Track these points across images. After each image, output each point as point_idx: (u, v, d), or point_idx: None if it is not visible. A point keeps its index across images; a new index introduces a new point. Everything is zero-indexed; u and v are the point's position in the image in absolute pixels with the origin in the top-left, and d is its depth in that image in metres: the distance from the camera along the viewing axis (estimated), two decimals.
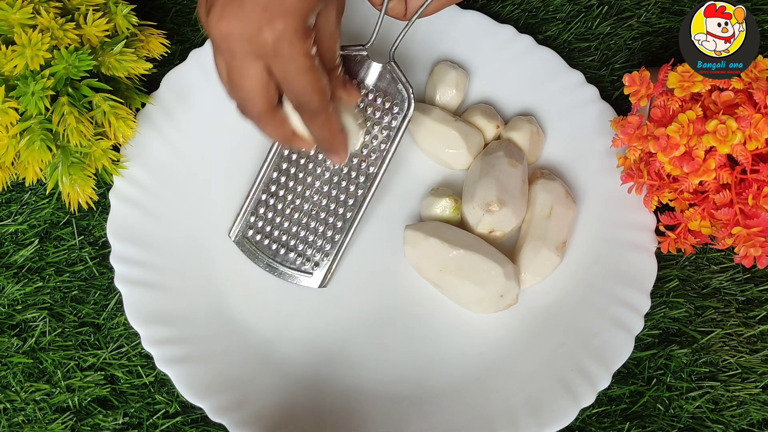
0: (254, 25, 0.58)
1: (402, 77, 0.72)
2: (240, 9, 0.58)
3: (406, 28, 0.71)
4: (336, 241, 0.74)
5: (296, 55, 0.60)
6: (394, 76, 0.72)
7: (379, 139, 0.73)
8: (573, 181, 0.78)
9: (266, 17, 0.58)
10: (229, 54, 0.60)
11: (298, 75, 0.61)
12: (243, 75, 0.61)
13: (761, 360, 0.73)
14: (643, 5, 0.86)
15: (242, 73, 0.61)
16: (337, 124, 0.68)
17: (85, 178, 0.72)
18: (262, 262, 0.75)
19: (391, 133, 0.73)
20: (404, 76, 0.72)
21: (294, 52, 0.60)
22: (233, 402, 0.69)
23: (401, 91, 0.72)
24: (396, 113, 0.72)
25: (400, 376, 0.72)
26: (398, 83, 0.72)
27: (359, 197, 0.74)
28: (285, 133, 0.67)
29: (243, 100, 0.63)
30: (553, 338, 0.73)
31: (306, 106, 0.64)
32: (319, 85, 0.62)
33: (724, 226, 0.68)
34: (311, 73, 0.61)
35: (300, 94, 0.62)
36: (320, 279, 0.75)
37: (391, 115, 0.72)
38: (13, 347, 0.72)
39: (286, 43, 0.59)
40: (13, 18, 0.67)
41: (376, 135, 0.73)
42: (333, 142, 0.69)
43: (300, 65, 0.60)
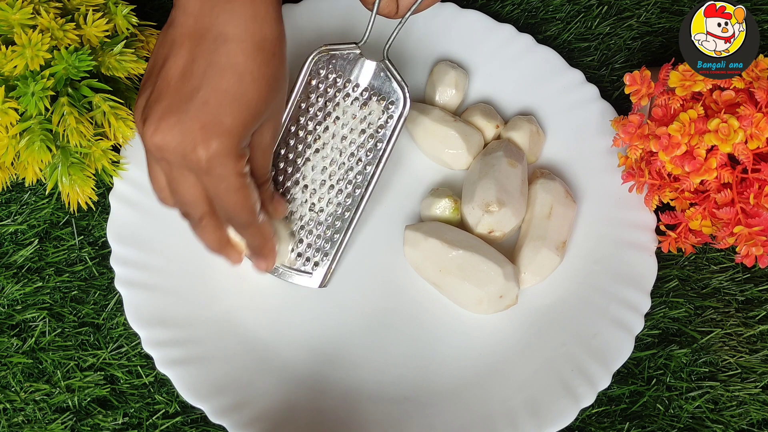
0: (190, 142, 0.59)
1: (396, 75, 0.71)
2: (177, 124, 0.59)
3: (399, 25, 0.71)
4: (335, 240, 0.74)
5: (228, 175, 0.61)
6: (388, 75, 0.72)
7: (376, 137, 0.73)
8: (573, 180, 0.78)
9: (202, 136, 0.59)
10: (165, 164, 0.62)
11: (227, 193, 0.62)
12: (181, 185, 0.62)
13: (761, 360, 0.73)
14: (643, 5, 0.86)
15: (180, 183, 0.62)
16: (267, 233, 0.69)
17: (84, 179, 0.72)
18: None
19: (387, 132, 0.73)
20: (399, 74, 0.71)
21: (226, 172, 0.61)
22: (233, 403, 0.69)
23: (396, 89, 0.72)
24: (392, 112, 0.72)
25: (399, 377, 0.72)
26: (393, 81, 0.72)
27: (357, 196, 0.74)
28: (220, 239, 0.68)
29: (184, 204, 0.64)
30: (553, 338, 0.72)
31: (235, 221, 0.65)
32: (249, 203, 0.64)
33: (725, 226, 0.68)
34: (241, 192, 0.63)
35: (229, 210, 0.64)
36: (320, 279, 0.74)
37: (387, 113, 0.72)
38: (12, 347, 0.72)
39: (219, 163, 0.60)
40: (13, 18, 0.67)
41: (373, 134, 0.73)
42: (262, 250, 0.70)
43: (231, 184, 0.62)
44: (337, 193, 0.74)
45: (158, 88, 0.61)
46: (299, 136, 0.74)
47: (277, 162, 0.74)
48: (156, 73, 0.62)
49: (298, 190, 0.74)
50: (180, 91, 0.60)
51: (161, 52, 0.62)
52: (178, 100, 0.60)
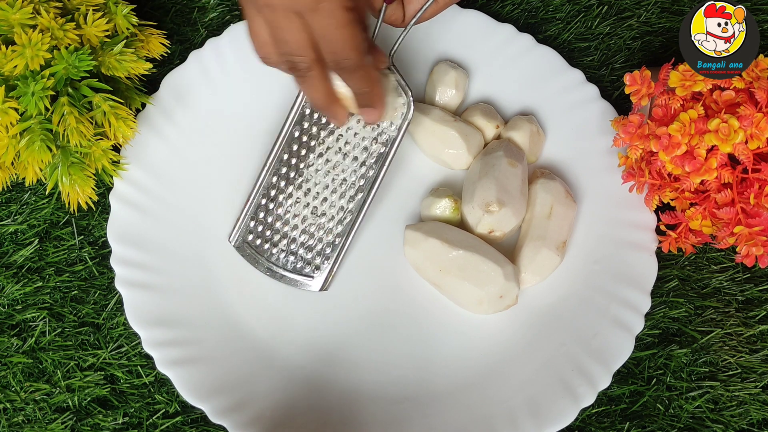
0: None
1: (402, 80, 0.72)
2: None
3: (404, 32, 0.71)
4: (336, 244, 0.74)
5: (335, 9, 0.59)
6: (393, 79, 0.72)
7: (379, 141, 0.73)
8: (573, 180, 0.78)
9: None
10: (269, 10, 0.60)
11: (336, 30, 0.60)
12: (288, 29, 0.60)
13: (761, 360, 0.73)
14: (643, 5, 0.86)
15: (287, 28, 0.60)
16: (375, 78, 0.67)
17: (84, 179, 0.71)
18: (262, 267, 0.75)
19: (391, 136, 0.73)
20: (403, 80, 0.72)
21: (333, 6, 0.59)
22: (234, 404, 0.69)
23: (400, 94, 0.72)
24: (395, 117, 0.72)
25: (400, 377, 0.72)
26: (397, 86, 0.72)
27: (359, 200, 0.74)
28: (328, 91, 0.66)
29: (290, 54, 0.62)
30: (553, 338, 0.72)
31: (343, 63, 0.63)
32: (357, 40, 0.62)
33: (725, 226, 0.68)
34: (349, 28, 0.61)
35: (338, 50, 0.62)
36: (321, 282, 0.74)
37: (390, 118, 0.72)
38: (13, 347, 0.72)
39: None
40: (13, 18, 0.67)
41: (376, 138, 0.73)
42: (372, 97, 0.68)
43: (339, 19, 0.60)
44: (340, 196, 0.74)
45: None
46: (303, 141, 0.74)
47: (280, 166, 0.74)
48: None
49: (301, 194, 0.74)
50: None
51: None
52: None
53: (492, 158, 0.76)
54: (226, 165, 0.78)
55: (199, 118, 0.79)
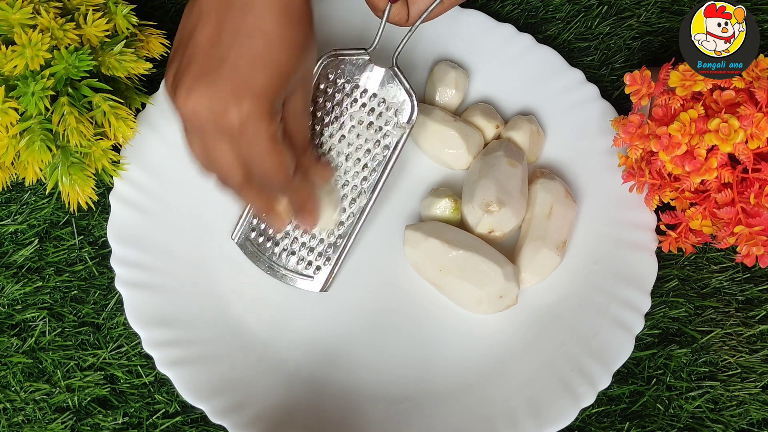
0: (222, 105, 0.59)
1: (405, 82, 0.71)
2: (208, 88, 0.60)
3: (409, 33, 0.71)
4: (338, 246, 0.74)
5: (261, 138, 0.61)
6: (396, 81, 0.72)
7: (382, 144, 0.73)
8: (573, 180, 0.78)
9: (234, 98, 0.59)
10: (199, 132, 0.61)
11: (261, 156, 0.62)
12: (216, 153, 0.62)
13: (761, 360, 0.73)
14: (643, 5, 0.86)
15: (216, 152, 0.62)
16: (306, 191, 0.70)
17: (85, 178, 0.71)
18: (263, 265, 0.75)
19: (394, 139, 0.73)
20: (407, 82, 0.71)
21: (259, 134, 0.61)
22: (234, 404, 0.69)
23: (404, 96, 0.72)
24: (399, 120, 0.72)
25: (399, 377, 0.72)
26: (401, 88, 0.72)
27: (361, 203, 0.74)
28: (264, 202, 0.68)
29: (221, 173, 0.64)
30: (553, 338, 0.72)
31: (271, 185, 0.65)
32: (283, 165, 0.64)
33: (725, 225, 0.68)
34: (275, 154, 0.62)
35: (264, 173, 0.64)
36: (321, 283, 0.74)
37: (393, 121, 0.72)
38: (12, 347, 0.72)
39: (251, 124, 0.60)
40: (13, 18, 0.67)
41: (379, 141, 0.73)
42: (305, 206, 0.71)
43: (264, 147, 0.62)
44: (342, 197, 0.74)
45: (187, 56, 0.61)
46: None
47: None
48: (184, 44, 0.62)
49: None
50: (210, 57, 0.60)
51: (188, 24, 0.62)
52: (208, 66, 0.60)
53: (492, 158, 0.76)
54: None
55: None
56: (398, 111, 0.72)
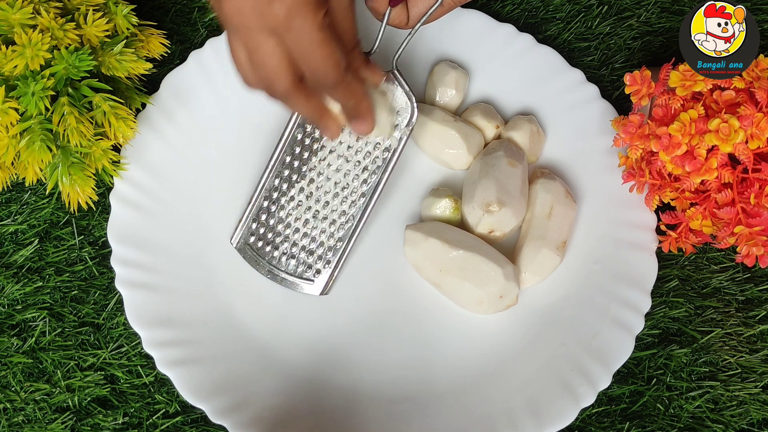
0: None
1: (405, 85, 0.71)
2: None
3: (409, 36, 0.71)
4: (338, 249, 0.74)
5: (308, 28, 0.59)
6: (396, 84, 0.72)
7: (382, 147, 0.73)
8: (573, 180, 0.78)
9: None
10: (245, 32, 0.59)
11: (311, 48, 0.60)
12: (263, 52, 0.60)
13: (761, 360, 0.73)
14: (643, 5, 0.86)
15: (262, 50, 0.60)
16: (359, 91, 0.67)
17: (85, 178, 0.71)
18: (263, 269, 0.75)
19: (394, 142, 0.73)
20: (407, 85, 0.71)
21: (306, 25, 0.58)
22: (234, 404, 0.69)
23: (404, 99, 0.72)
24: (399, 121, 0.72)
25: (399, 377, 0.72)
26: (401, 91, 0.72)
27: (361, 205, 0.74)
28: (316, 107, 0.66)
29: (268, 78, 0.62)
30: (553, 338, 0.72)
31: (323, 80, 0.62)
32: (334, 57, 0.61)
33: (725, 226, 0.68)
34: (325, 46, 0.60)
35: (315, 68, 0.61)
36: (321, 287, 0.74)
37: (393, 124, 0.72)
38: (13, 347, 0.72)
39: (297, 15, 0.58)
40: (13, 18, 0.67)
41: (379, 143, 0.73)
42: (358, 109, 0.68)
43: (313, 38, 0.59)
44: (342, 201, 0.74)
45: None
46: (305, 144, 0.74)
47: (283, 168, 0.74)
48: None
49: (303, 197, 0.74)
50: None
51: None
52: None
53: (492, 158, 0.76)
54: (226, 165, 0.78)
55: (199, 118, 0.79)
56: (398, 114, 0.72)
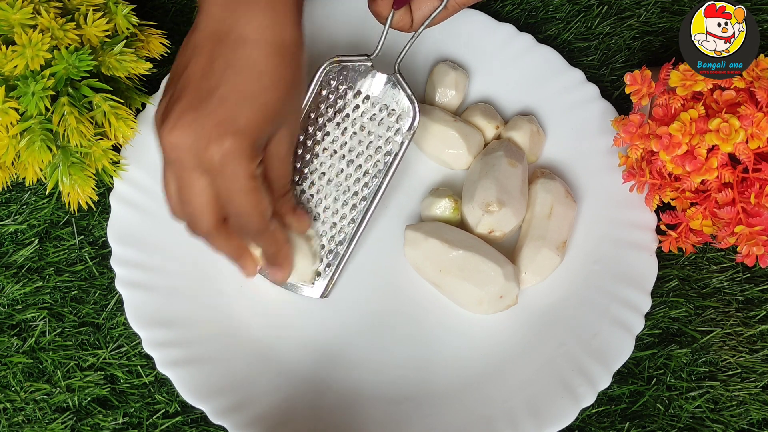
0: (204, 139, 0.59)
1: (407, 89, 0.71)
2: (193, 122, 0.59)
3: (412, 39, 0.71)
4: (338, 252, 0.74)
5: (240, 176, 0.61)
6: (399, 88, 0.72)
7: (383, 150, 0.73)
8: (573, 180, 0.78)
9: (216, 133, 0.59)
10: (178, 166, 0.61)
11: (239, 195, 0.62)
12: (192, 190, 0.62)
13: (761, 360, 0.73)
14: (643, 5, 0.86)
15: (191, 188, 0.62)
16: (280, 241, 0.69)
17: (85, 178, 0.71)
18: (264, 272, 0.75)
19: (395, 146, 0.72)
20: (409, 88, 0.71)
21: (238, 172, 0.60)
22: (234, 404, 0.69)
23: (406, 103, 0.72)
24: (400, 125, 0.72)
25: (399, 377, 0.72)
26: (403, 95, 0.72)
27: (362, 209, 0.73)
28: (235, 248, 0.68)
29: (192, 215, 0.63)
30: (553, 338, 0.72)
31: (246, 227, 0.64)
32: (260, 207, 0.63)
33: (726, 225, 0.68)
34: (252, 194, 0.62)
35: (240, 214, 0.63)
36: (322, 290, 0.74)
37: (396, 127, 0.72)
38: (13, 347, 0.72)
39: (231, 161, 0.60)
40: (14, 18, 0.67)
41: (380, 147, 0.73)
42: (276, 258, 0.70)
43: (242, 185, 0.61)
44: (343, 204, 0.74)
45: (179, 88, 0.61)
46: (307, 146, 0.74)
47: None
48: (177, 76, 0.62)
49: (304, 200, 0.74)
50: (199, 90, 0.60)
51: (184, 56, 0.62)
52: (196, 99, 0.60)
53: (492, 158, 0.76)
54: None
55: None
56: (400, 117, 0.72)
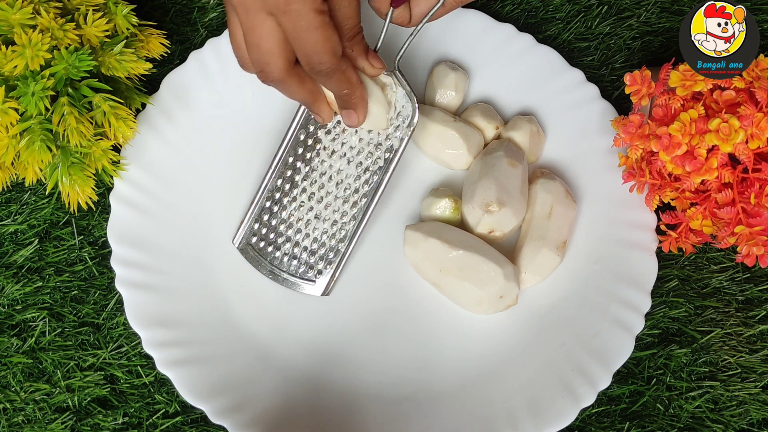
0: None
1: (407, 86, 0.71)
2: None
3: (411, 36, 0.71)
4: (339, 249, 0.74)
5: (305, 11, 0.59)
6: (398, 85, 0.72)
7: (384, 147, 0.73)
8: (573, 180, 0.78)
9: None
10: (243, 10, 0.60)
11: (307, 32, 0.60)
12: (259, 33, 0.60)
13: (761, 360, 0.73)
14: (643, 5, 0.86)
15: (258, 31, 0.60)
16: (353, 80, 0.66)
17: (85, 179, 0.71)
18: (265, 270, 0.75)
19: (395, 143, 0.72)
20: (409, 85, 0.71)
21: (303, 8, 0.58)
22: (234, 404, 0.69)
23: (406, 100, 0.72)
24: (400, 123, 0.72)
25: (399, 377, 0.72)
26: (403, 92, 0.72)
27: (362, 206, 0.74)
28: (309, 91, 0.66)
29: (262, 60, 0.62)
30: (553, 338, 0.72)
31: (316, 66, 0.62)
32: (329, 43, 0.61)
33: (726, 225, 0.68)
34: (321, 30, 0.60)
35: (309, 53, 0.61)
36: (323, 287, 0.74)
37: (395, 124, 0.72)
38: (13, 347, 0.72)
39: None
40: (13, 18, 0.67)
41: (380, 144, 0.73)
42: (351, 99, 0.67)
43: (309, 21, 0.59)
44: (343, 201, 0.74)
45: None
46: (308, 144, 0.74)
47: (285, 169, 0.74)
48: None
49: (305, 198, 0.74)
50: None
51: None
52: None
53: (492, 158, 0.76)
54: (226, 165, 0.78)
55: (199, 118, 0.79)
56: (400, 114, 0.72)
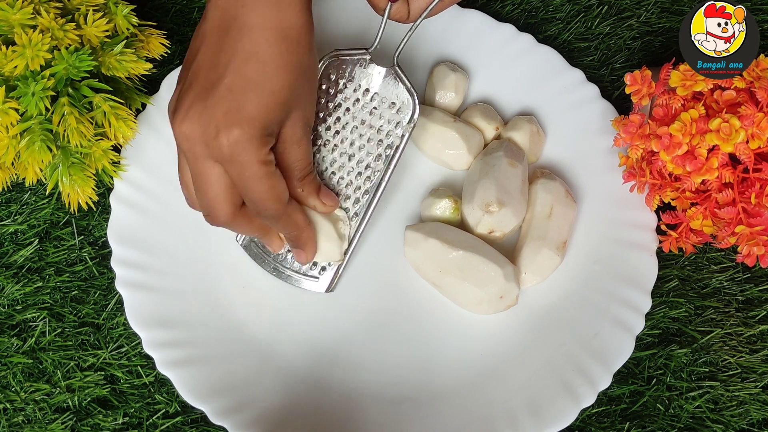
0: (213, 129, 0.60)
1: (406, 81, 0.71)
2: (202, 112, 0.60)
3: (410, 31, 0.71)
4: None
5: (250, 162, 0.61)
6: (398, 81, 0.72)
7: (384, 143, 0.73)
8: (573, 180, 0.78)
9: (225, 122, 0.60)
10: (191, 156, 0.61)
11: (252, 182, 0.62)
12: (206, 179, 0.62)
13: (761, 360, 0.73)
14: (643, 5, 0.86)
15: (205, 177, 0.62)
16: (300, 223, 0.69)
17: (85, 179, 0.71)
18: (268, 266, 0.75)
19: (396, 139, 0.72)
20: (408, 81, 0.71)
21: (248, 159, 0.61)
22: (234, 405, 0.69)
23: (405, 95, 0.72)
24: (401, 118, 0.72)
25: (400, 377, 0.72)
26: (402, 88, 0.72)
27: (364, 203, 0.74)
28: (258, 228, 0.68)
29: (209, 205, 0.64)
30: (554, 338, 0.72)
31: (263, 213, 0.65)
32: (275, 192, 0.63)
33: (726, 225, 0.68)
34: (266, 180, 0.62)
35: (256, 201, 0.63)
36: (327, 284, 0.74)
37: (396, 120, 0.72)
38: (13, 347, 0.72)
39: (241, 150, 0.60)
40: (14, 18, 0.67)
41: (381, 140, 0.73)
42: (298, 240, 0.70)
43: (254, 172, 0.61)
44: (345, 198, 0.74)
45: (189, 79, 0.62)
46: None
47: None
48: (188, 67, 0.62)
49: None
50: (207, 79, 0.61)
51: (194, 46, 0.63)
52: (205, 89, 0.60)
53: (492, 158, 0.76)
54: None
55: None
56: (400, 110, 0.72)
